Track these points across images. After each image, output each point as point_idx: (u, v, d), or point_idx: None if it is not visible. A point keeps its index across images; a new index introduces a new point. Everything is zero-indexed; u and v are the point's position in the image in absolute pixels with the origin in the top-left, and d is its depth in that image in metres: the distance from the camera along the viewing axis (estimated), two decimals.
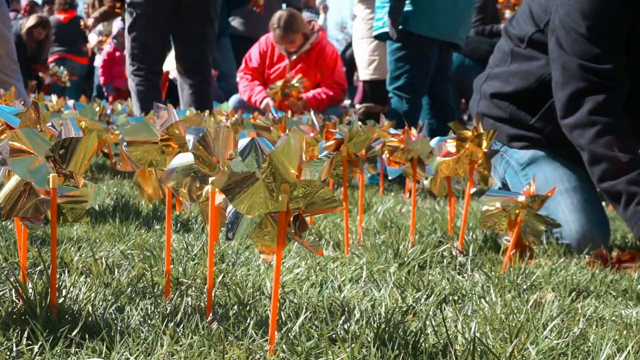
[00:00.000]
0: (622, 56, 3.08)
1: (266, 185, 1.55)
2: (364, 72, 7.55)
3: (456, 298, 2.18)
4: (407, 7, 5.97)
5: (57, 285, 1.81)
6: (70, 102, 5.66)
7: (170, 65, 7.12)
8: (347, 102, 9.04)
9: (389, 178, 3.42)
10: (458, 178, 3.04)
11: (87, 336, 1.67)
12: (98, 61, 12.72)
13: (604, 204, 4.25)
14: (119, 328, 1.72)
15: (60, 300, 1.84)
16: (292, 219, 1.59)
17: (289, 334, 1.70)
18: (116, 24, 11.76)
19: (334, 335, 1.71)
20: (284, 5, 9.71)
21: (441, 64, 6.26)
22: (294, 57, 7.72)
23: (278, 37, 7.61)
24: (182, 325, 1.76)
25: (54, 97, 6.62)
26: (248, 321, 1.78)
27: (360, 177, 3.15)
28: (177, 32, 6.43)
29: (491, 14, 8.38)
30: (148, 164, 2.09)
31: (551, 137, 3.28)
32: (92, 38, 13.21)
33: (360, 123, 4.09)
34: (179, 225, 3.12)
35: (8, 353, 1.58)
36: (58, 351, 1.60)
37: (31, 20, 11.56)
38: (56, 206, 1.77)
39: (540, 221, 2.64)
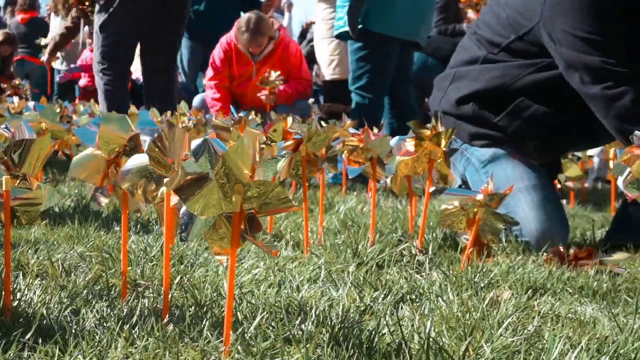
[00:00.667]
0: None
1: (219, 186, 1.54)
2: (326, 72, 7.58)
3: (414, 297, 2.18)
4: (367, 6, 5.98)
5: (11, 289, 1.80)
6: (31, 104, 5.62)
7: (133, 65, 7.10)
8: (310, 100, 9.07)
9: (349, 178, 3.44)
10: (418, 177, 3.04)
11: (40, 340, 1.65)
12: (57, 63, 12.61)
13: (564, 202, 4.28)
14: (73, 331, 1.71)
15: (15, 304, 1.83)
16: (246, 219, 1.59)
17: (245, 334, 1.70)
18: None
19: (290, 336, 1.71)
20: None
21: (402, 64, 6.28)
22: (259, 58, 7.71)
23: (246, 40, 7.60)
24: (137, 328, 1.75)
25: (15, 99, 6.57)
26: (204, 322, 1.77)
27: (320, 176, 3.15)
28: (149, 34, 6.42)
29: (453, 13, 8.41)
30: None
31: (515, 135, 3.30)
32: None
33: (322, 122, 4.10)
34: (139, 226, 3.10)
35: None
36: (11, 355, 1.58)
37: None
38: (10, 209, 1.76)
39: (498, 219, 2.65)
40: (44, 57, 10.68)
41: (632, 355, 1.60)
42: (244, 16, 7.72)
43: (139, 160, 1.91)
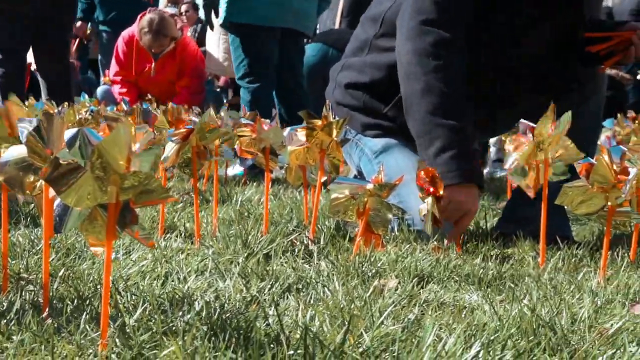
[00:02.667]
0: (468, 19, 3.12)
1: (95, 177, 1.52)
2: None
3: (300, 287, 2.19)
4: None
5: None
6: None
7: (31, 57, 7.01)
8: None
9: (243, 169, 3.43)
10: (311, 167, 3.05)
11: None
12: None
13: None
14: None
15: None
16: (122, 210, 1.57)
17: (125, 327, 1.67)
18: None
19: (174, 328, 1.69)
20: None
21: (288, 53, 6.34)
22: (159, 56, 7.68)
23: (148, 41, 7.56)
24: (14, 322, 1.71)
25: None
26: (84, 316, 1.74)
27: (214, 168, 3.14)
28: (43, 26, 6.35)
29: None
30: None
31: (403, 126, 3.31)
32: None
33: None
34: (29, 219, 3.05)
35: None
36: None
37: None
38: None
39: (388, 209, 2.67)
40: None
41: (508, 342, 1.62)
42: (146, 17, 7.67)
43: (16, 151, 1.86)
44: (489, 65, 3.21)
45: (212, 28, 6.23)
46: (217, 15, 6.31)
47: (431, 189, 2.87)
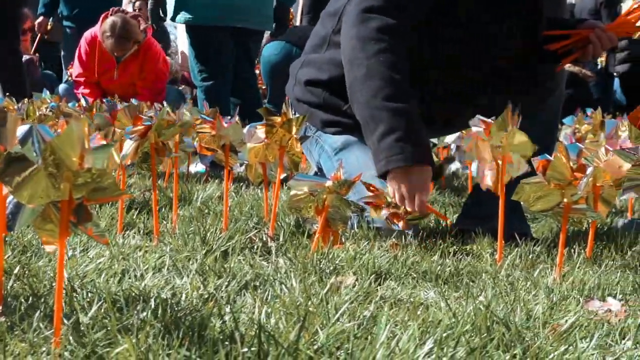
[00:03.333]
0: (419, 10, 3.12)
1: (47, 174, 1.51)
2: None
3: (257, 284, 2.18)
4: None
5: None
6: None
7: None
8: None
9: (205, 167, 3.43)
10: (271, 164, 3.05)
11: None
12: None
13: None
14: None
15: None
16: (76, 208, 1.56)
17: (80, 325, 1.66)
18: None
19: (129, 326, 1.68)
20: None
21: (244, 51, 6.39)
22: (122, 59, 7.65)
23: (111, 45, 7.52)
24: None
25: None
26: (37, 314, 1.73)
27: (173, 165, 3.13)
28: None
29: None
30: None
31: None
32: None
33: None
34: None
35: None
36: None
37: None
38: None
39: (347, 206, 2.67)
40: None
41: (461, 338, 1.63)
42: (109, 20, 7.59)
43: None
44: (449, 62, 3.22)
45: (157, 27, 6.32)
46: (164, 14, 6.38)
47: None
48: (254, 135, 2.88)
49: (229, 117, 3.07)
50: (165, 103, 4.08)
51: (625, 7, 3.38)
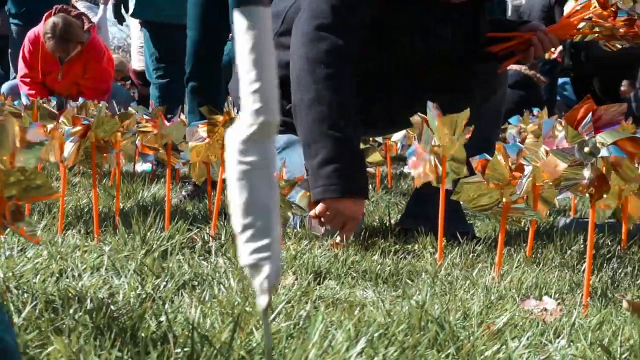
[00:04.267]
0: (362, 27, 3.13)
1: None
2: (135, 62, 7.66)
3: (196, 284, 2.18)
4: None
5: None
6: None
7: None
8: None
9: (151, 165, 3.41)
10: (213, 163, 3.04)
11: None
12: None
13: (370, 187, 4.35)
14: None
15: None
16: (8, 207, 1.55)
17: (13, 326, 1.65)
18: None
19: (62, 326, 1.67)
20: None
21: None
22: (66, 59, 7.55)
23: (52, 46, 7.39)
24: None
25: None
26: None
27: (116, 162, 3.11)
28: None
29: None
30: None
31: None
32: None
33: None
34: None
35: None
36: None
37: None
38: None
39: (288, 207, 2.67)
40: None
41: (395, 337, 1.64)
42: (50, 20, 7.42)
43: None
44: (394, 63, 3.23)
45: (121, 23, 6.27)
46: (127, 11, 6.32)
47: None
48: (196, 134, 2.87)
49: (170, 116, 3.06)
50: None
51: (567, 9, 3.39)
